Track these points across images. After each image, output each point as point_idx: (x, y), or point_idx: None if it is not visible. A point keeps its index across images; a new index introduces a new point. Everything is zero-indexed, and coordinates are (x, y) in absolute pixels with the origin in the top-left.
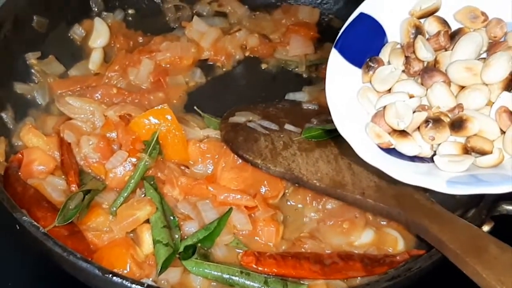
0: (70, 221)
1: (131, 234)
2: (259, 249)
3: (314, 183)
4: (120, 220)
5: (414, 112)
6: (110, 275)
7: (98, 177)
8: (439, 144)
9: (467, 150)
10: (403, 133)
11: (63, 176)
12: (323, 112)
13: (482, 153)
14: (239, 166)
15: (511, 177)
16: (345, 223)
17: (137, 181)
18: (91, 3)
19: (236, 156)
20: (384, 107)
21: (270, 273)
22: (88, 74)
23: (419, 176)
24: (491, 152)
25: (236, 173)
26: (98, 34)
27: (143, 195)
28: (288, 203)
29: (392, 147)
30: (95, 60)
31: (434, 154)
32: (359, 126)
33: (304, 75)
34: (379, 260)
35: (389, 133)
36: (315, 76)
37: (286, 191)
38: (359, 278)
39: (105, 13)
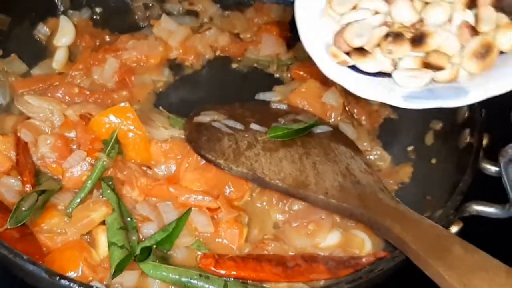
0: (22, 223)
1: (87, 237)
2: (222, 252)
3: (276, 183)
4: (74, 221)
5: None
6: (57, 278)
7: (56, 177)
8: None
9: (426, 66)
10: (362, 50)
11: (19, 177)
12: (291, 111)
13: (439, 68)
14: (203, 167)
15: (466, 92)
16: (310, 225)
17: (95, 181)
18: (56, 1)
19: (199, 156)
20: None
21: (230, 276)
22: (51, 73)
23: (377, 91)
24: (446, 67)
25: (199, 173)
26: (63, 32)
27: (101, 196)
28: (253, 204)
29: (352, 64)
30: (59, 59)
31: None
32: (323, 45)
33: (276, 75)
34: (344, 262)
35: (350, 51)
36: (287, 76)
37: (253, 192)
38: (323, 281)
39: (71, 11)
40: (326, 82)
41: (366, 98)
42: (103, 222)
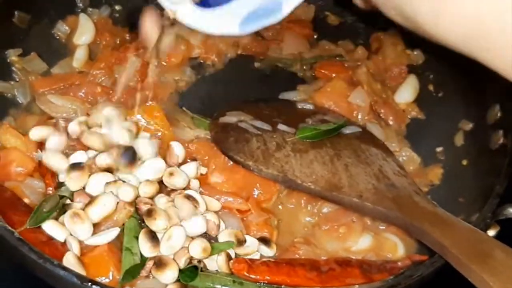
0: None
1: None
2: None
3: (309, 185)
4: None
5: None
6: (89, 284)
7: None
8: None
9: None
10: None
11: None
12: (318, 112)
13: None
14: (230, 168)
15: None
16: (341, 228)
17: None
18: None
19: (226, 157)
20: None
21: (263, 281)
22: (72, 72)
23: (218, 24)
24: None
25: (227, 175)
26: (83, 30)
27: None
28: (282, 206)
29: None
30: (79, 57)
31: None
32: None
33: (299, 74)
34: (378, 266)
35: None
36: (310, 75)
37: (280, 194)
38: (357, 285)
39: (90, 9)
40: (352, 82)
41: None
42: None
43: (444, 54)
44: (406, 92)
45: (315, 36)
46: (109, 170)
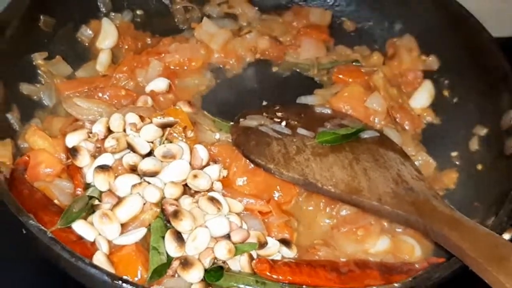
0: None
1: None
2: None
3: (329, 189)
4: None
5: None
6: (120, 282)
7: None
8: None
9: None
10: None
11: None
12: (336, 116)
13: None
14: (251, 171)
15: None
16: (359, 230)
17: None
18: (98, 3)
19: (247, 160)
20: None
21: (285, 281)
22: (95, 75)
23: None
24: None
25: (248, 177)
26: (106, 35)
27: None
28: (301, 209)
29: None
30: (102, 61)
31: None
32: None
33: (316, 79)
34: (396, 268)
35: None
36: (327, 79)
37: (299, 196)
38: (376, 287)
39: (113, 14)
40: (369, 87)
41: None
42: None
43: (459, 60)
44: (422, 97)
45: (332, 41)
46: (134, 170)
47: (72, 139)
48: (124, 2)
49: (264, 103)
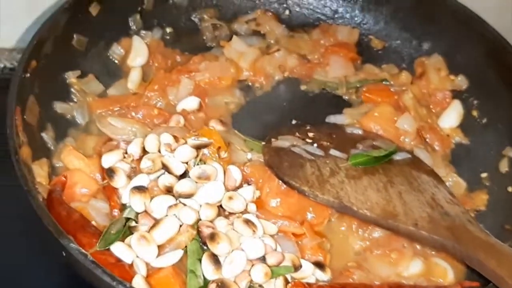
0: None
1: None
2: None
3: (365, 213)
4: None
5: None
6: None
7: None
8: None
9: None
10: None
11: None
12: (368, 137)
13: None
14: (284, 192)
15: None
16: (393, 253)
17: None
18: (129, 22)
19: (282, 182)
20: None
21: None
22: (127, 93)
23: None
24: None
25: (281, 199)
26: (137, 53)
27: None
28: (333, 231)
29: None
30: (134, 79)
31: None
32: None
33: (344, 97)
34: None
35: None
36: (355, 98)
37: (332, 218)
38: None
39: (143, 32)
40: (398, 106)
41: None
42: None
43: (488, 80)
44: (451, 117)
45: (360, 60)
46: (169, 191)
47: (108, 160)
48: (154, 20)
49: (294, 121)
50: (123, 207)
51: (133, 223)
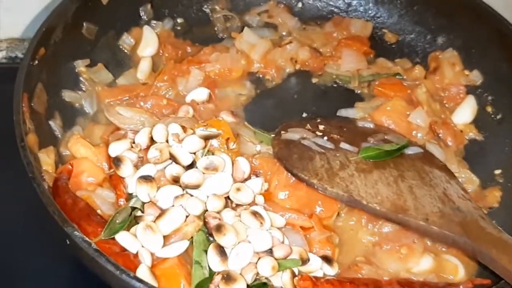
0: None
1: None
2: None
3: (374, 206)
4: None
5: None
6: None
7: None
8: None
9: None
10: None
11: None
12: (379, 131)
13: None
14: (293, 185)
15: None
16: (403, 249)
17: None
18: (140, 11)
19: (291, 174)
20: None
21: None
22: (136, 83)
23: None
24: None
25: (290, 191)
26: (147, 43)
27: None
28: (342, 224)
29: None
30: (143, 69)
31: None
32: None
33: (356, 91)
34: None
35: None
36: (368, 92)
37: (341, 212)
38: None
39: (154, 22)
40: (411, 101)
41: None
42: None
43: (503, 75)
44: (464, 113)
45: (373, 54)
46: (176, 182)
47: (115, 149)
48: (165, 10)
49: (304, 114)
50: (129, 196)
51: (139, 213)
